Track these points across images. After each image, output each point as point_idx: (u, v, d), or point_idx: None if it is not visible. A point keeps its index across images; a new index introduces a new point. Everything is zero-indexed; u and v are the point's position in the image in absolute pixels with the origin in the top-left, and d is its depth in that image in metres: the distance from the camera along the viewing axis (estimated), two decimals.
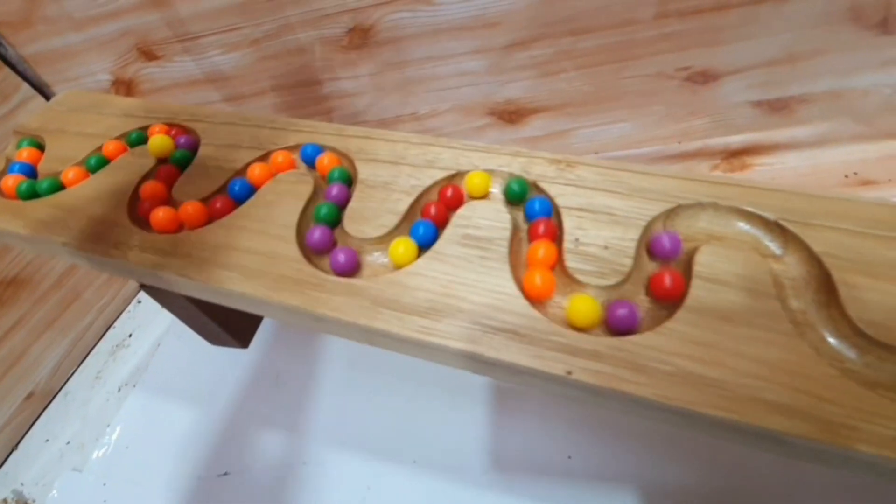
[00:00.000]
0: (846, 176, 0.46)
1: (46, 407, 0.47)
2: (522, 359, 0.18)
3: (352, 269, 0.22)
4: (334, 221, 0.25)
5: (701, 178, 0.23)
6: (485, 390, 0.37)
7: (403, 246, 0.22)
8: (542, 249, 0.21)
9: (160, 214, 0.25)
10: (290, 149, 0.29)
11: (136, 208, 0.27)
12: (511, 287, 0.20)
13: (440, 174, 0.26)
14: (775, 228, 0.21)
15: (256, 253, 0.23)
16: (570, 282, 0.21)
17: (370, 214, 0.25)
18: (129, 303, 0.55)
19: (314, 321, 0.21)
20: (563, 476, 0.32)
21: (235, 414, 0.41)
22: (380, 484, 0.35)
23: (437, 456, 0.35)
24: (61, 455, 0.43)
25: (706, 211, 0.22)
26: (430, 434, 0.36)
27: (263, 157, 0.28)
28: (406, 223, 0.24)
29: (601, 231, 0.22)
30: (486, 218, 0.23)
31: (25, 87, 0.48)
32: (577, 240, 0.22)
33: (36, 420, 0.47)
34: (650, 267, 0.21)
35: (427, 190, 0.25)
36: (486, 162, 0.26)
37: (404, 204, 0.24)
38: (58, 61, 0.48)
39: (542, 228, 0.22)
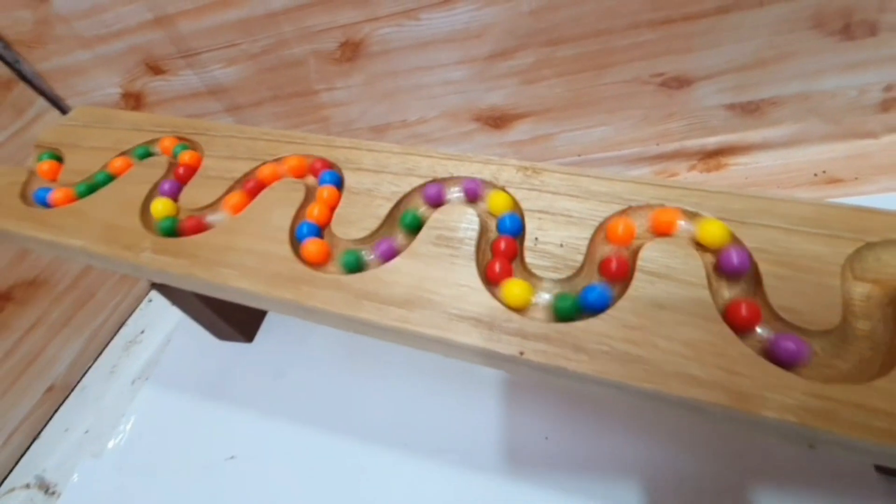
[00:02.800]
0: (815, 174, 0.48)
1: (65, 399, 0.51)
2: (482, 342, 0.21)
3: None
4: None
5: (651, 182, 0.26)
6: (466, 376, 0.40)
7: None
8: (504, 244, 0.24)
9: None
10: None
11: (148, 214, 0.30)
12: (476, 281, 0.23)
13: (418, 181, 0.28)
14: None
15: (254, 253, 0.26)
16: (529, 276, 0.24)
17: (355, 218, 0.27)
18: (141, 301, 0.58)
19: (305, 312, 0.24)
20: (539, 456, 0.35)
21: (241, 403, 0.44)
22: (373, 465, 0.38)
23: (425, 439, 0.38)
24: (80, 443, 0.47)
25: (654, 211, 0.25)
26: (418, 419, 0.39)
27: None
28: (386, 226, 0.27)
29: (559, 231, 0.25)
30: (458, 220, 0.26)
31: (41, 100, 0.52)
32: (536, 239, 0.24)
33: (55, 412, 0.50)
34: (599, 260, 0.24)
35: (406, 195, 0.28)
36: (460, 169, 0.29)
37: (385, 209, 0.27)
38: (70, 77, 0.51)
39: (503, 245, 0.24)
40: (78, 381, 0.52)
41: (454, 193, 0.28)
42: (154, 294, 0.59)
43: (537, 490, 0.34)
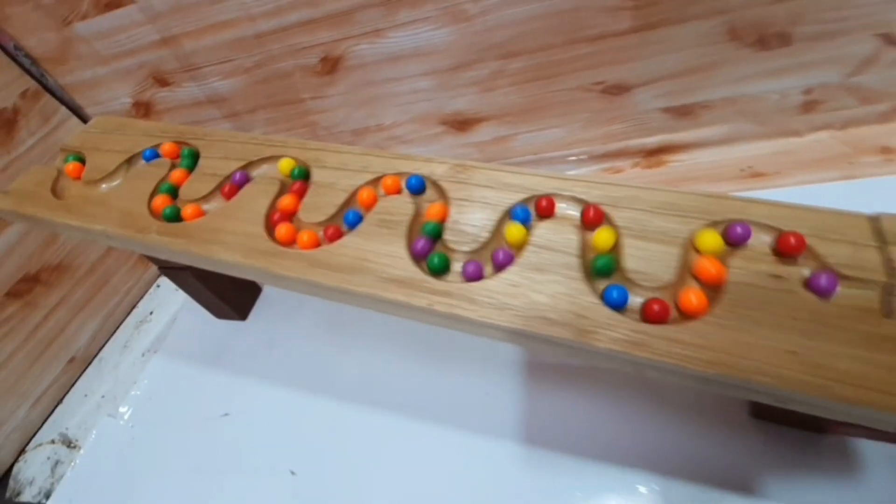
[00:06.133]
0: (742, 170, 0.54)
1: (85, 369, 0.58)
2: (400, 297, 0.27)
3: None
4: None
5: (551, 176, 0.32)
6: (424, 346, 0.47)
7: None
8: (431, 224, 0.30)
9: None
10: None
11: (153, 204, 0.37)
12: (403, 253, 0.30)
13: (370, 176, 0.35)
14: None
15: (237, 233, 0.33)
16: (446, 249, 0.30)
17: (318, 206, 0.34)
18: (150, 286, 0.66)
19: (273, 278, 0.31)
20: (479, 407, 0.42)
21: (235, 371, 0.51)
22: (345, 416, 0.44)
23: (389, 395, 0.44)
24: (98, 406, 0.54)
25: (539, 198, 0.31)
26: (384, 380, 0.46)
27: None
28: (341, 212, 0.33)
29: (474, 214, 0.31)
30: (398, 207, 0.32)
31: (63, 109, 0.59)
32: (455, 220, 0.31)
33: (76, 380, 0.58)
34: (501, 238, 0.30)
35: (359, 188, 0.34)
36: (406, 166, 0.35)
37: (341, 198, 0.34)
38: (89, 89, 0.59)
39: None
40: (96, 354, 0.60)
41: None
42: (162, 280, 0.66)
43: (475, 433, 0.40)
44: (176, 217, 0.35)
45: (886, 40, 0.48)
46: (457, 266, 0.29)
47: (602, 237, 0.28)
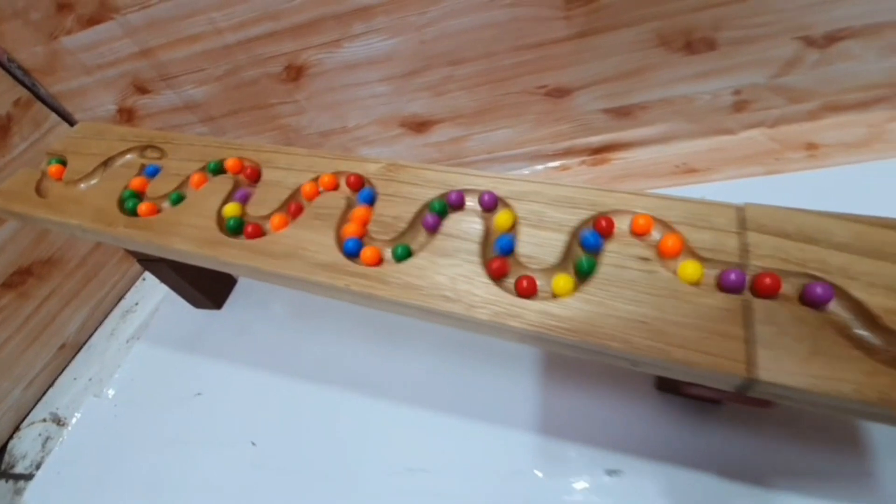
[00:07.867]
0: (676, 166, 0.57)
1: (74, 355, 0.63)
2: (324, 279, 0.32)
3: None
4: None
5: (466, 173, 0.36)
6: (380, 332, 0.51)
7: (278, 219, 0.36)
8: (358, 218, 0.35)
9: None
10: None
11: (122, 202, 0.42)
12: (331, 242, 0.34)
13: (312, 175, 0.39)
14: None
15: (193, 226, 0.38)
16: (370, 239, 0.34)
17: (264, 201, 0.38)
18: (136, 280, 0.70)
19: (221, 264, 0.36)
20: (424, 385, 0.46)
21: (209, 355, 0.56)
22: (301, 394, 0.49)
23: (342, 375, 0.49)
24: (85, 388, 0.59)
25: (466, 193, 0.36)
26: (342, 362, 0.50)
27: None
28: (284, 207, 0.38)
29: (396, 208, 0.35)
30: (330, 202, 0.37)
31: (53, 116, 0.64)
32: (380, 214, 0.35)
33: (67, 365, 0.63)
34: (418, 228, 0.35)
35: (301, 186, 0.39)
36: (344, 166, 0.39)
37: (285, 195, 0.38)
38: (76, 97, 0.63)
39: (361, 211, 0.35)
40: (85, 341, 0.65)
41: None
42: (148, 274, 0.71)
43: (412, 405, 0.45)
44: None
45: (807, 42, 0.51)
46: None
47: (502, 219, 0.32)
